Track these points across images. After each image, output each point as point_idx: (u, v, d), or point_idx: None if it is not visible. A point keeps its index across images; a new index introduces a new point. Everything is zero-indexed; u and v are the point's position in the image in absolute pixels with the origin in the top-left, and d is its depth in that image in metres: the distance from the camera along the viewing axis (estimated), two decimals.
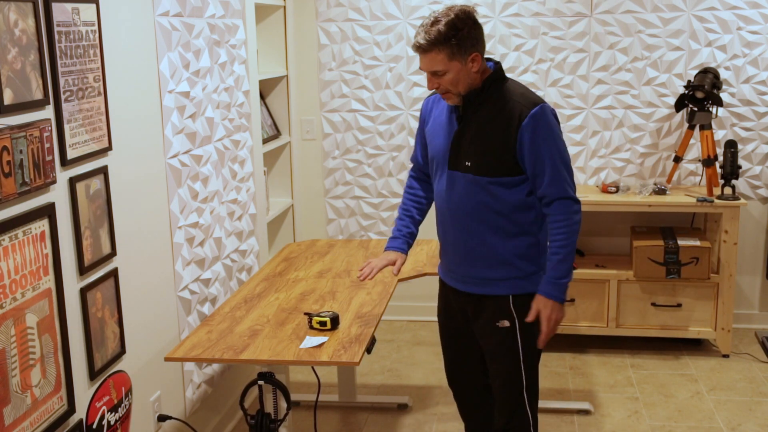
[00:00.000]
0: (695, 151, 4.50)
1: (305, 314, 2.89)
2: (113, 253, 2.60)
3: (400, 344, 4.63)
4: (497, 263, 2.59)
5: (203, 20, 3.29)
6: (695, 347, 4.44)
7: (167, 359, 2.67)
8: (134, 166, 2.75)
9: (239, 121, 3.71)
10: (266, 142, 4.34)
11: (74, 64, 2.34)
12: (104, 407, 2.54)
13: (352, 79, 4.71)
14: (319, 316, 2.79)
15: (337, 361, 2.57)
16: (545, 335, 2.54)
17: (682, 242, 4.22)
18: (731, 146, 4.27)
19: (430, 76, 2.50)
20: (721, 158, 4.35)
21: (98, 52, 2.48)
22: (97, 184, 2.48)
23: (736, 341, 4.47)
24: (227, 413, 3.65)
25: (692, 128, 4.28)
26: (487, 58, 2.55)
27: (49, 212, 2.22)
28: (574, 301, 4.36)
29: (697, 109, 4.19)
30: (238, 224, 3.71)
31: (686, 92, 4.20)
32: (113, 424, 2.60)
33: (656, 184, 4.34)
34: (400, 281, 3.35)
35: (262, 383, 2.70)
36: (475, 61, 2.46)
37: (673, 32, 4.41)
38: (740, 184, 4.50)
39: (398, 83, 4.67)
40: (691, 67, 4.43)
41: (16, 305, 2.08)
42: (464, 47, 2.43)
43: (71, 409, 2.35)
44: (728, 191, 4.23)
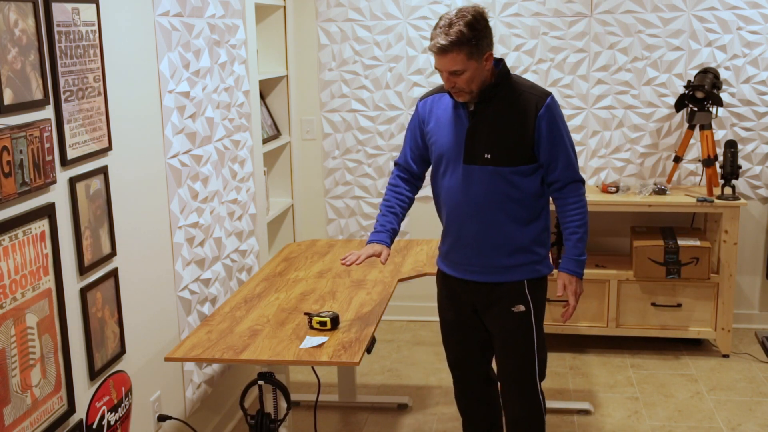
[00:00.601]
0: (695, 151, 4.50)
1: (305, 314, 2.89)
2: (113, 253, 2.60)
3: (400, 344, 4.63)
4: (516, 250, 2.69)
5: (203, 20, 3.29)
6: (695, 347, 4.44)
7: (167, 359, 2.67)
8: (134, 166, 2.75)
9: (239, 121, 3.71)
10: (266, 142, 4.34)
11: (74, 64, 2.34)
12: (104, 407, 2.54)
13: (352, 79, 4.71)
14: (319, 316, 2.79)
15: (337, 361, 2.57)
16: (573, 308, 2.76)
17: (682, 242, 4.22)
18: (731, 146, 4.27)
19: (447, 75, 2.54)
20: (721, 158, 4.35)
21: (98, 52, 2.48)
22: (97, 184, 2.48)
23: (736, 341, 4.47)
24: (227, 413, 3.65)
25: (692, 128, 4.28)
26: None
27: (49, 212, 2.22)
28: None
29: (697, 109, 4.19)
30: (238, 224, 3.71)
31: (686, 92, 4.20)
32: (113, 424, 2.60)
33: (656, 184, 4.34)
34: (400, 281, 3.35)
35: (262, 383, 2.70)
36: (488, 59, 2.56)
37: (673, 32, 4.41)
38: (740, 184, 4.50)
39: (398, 83, 4.67)
40: (691, 67, 4.43)
41: (16, 305, 2.08)
42: (481, 47, 2.52)
43: (71, 409, 2.35)
44: (728, 191, 4.23)
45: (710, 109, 4.18)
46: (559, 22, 4.49)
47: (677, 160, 4.36)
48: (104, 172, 2.53)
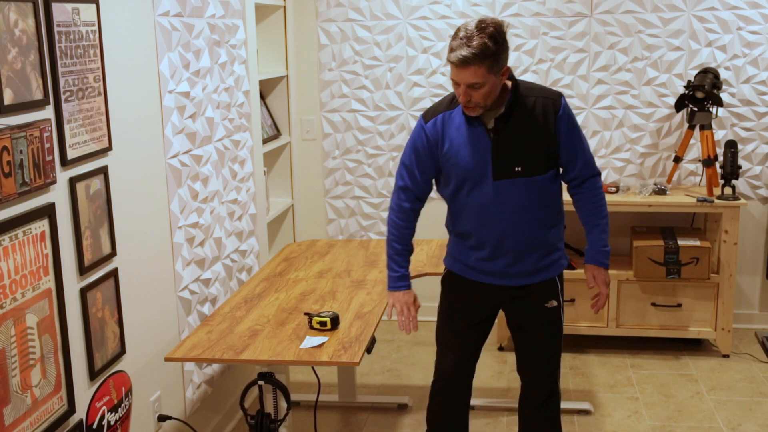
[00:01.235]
0: (695, 151, 4.50)
1: (305, 314, 2.89)
2: (113, 253, 2.60)
3: (400, 344, 4.63)
4: (549, 251, 2.76)
5: (203, 20, 3.29)
6: (695, 347, 4.44)
7: (167, 359, 2.67)
8: (134, 166, 2.75)
9: (239, 121, 3.71)
10: (266, 142, 4.34)
11: (74, 64, 2.34)
12: (104, 407, 2.54)
13: (352, 79, 4.71)
14: (319, 316, 2.79)
15: (337, 361, 2.57)
16: (605, 297, 2.81)
17: (682, 242, 4.22)
18: (731, 146, 4.27)
19: (465, 89, 2.48)
20: (721, 158, 4.35)
21: (98, 52, 2.48)
22: (97, 184, 2.48)
23: (736, 341, 4.47)
24: (227, 413, 3.65)
25: (692, 128, 4.28)
26: None
27: (49, 212, 2.22)
28: (574, 301, 4.37)
29: (697, 109, 4.19)
30: (238, 224, 3.71)
31: (686, 92, 4.20)
32: (113, 424, 2.60)
33: (656, 184, 4.34)
34: None
35: (262, 383, 2.70)
36: (505, 74, 2.54)
37: (673, 32, 4.41)
38: (740, 184, 4.50)
39: (398, 83, 4.67)
40: (691, 67, 4.43)
41: (16, 305, 2.08)
42: (501, 61, 2.48)
43: (71, 409, 2.35)
44: (728, 191, 4.23)
45: (710, 109, 4.18)
46: (559, 22, 4.49)
47: (677, 160, 4.36)
48: (104, 172, 2.53)
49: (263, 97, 4.58)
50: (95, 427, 2.49)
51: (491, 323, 2.88)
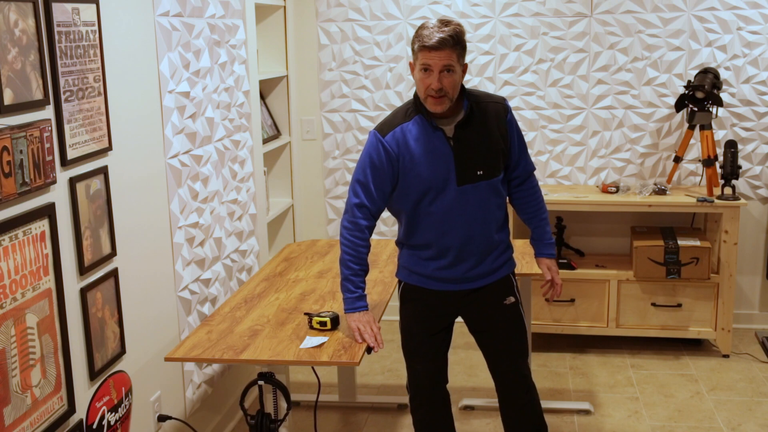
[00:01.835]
0: (695, 151, 4.50)
1: (305, 314, 2.89)
2: (113, 253, 2.60)
3: (400, 344, 4.62)
4: (503, 250, 2.83)
5: (203, 20, 3.29)
6: (695, 347, 4.44)
7: (167, 359, 2.67)
8: (134, 166, 2.75)
9: (239, 121, 3.71)
10: (266, 142, 4.34)
11: (74, 64, 2.34)
12: (104, 407, 2.54)
13: (352, 79, 4.71)
14: (319, 316, 2.79)
15: (337, 361, 2.57)
16: (560, 287, 2.93)
17: (682, 242, 4.22)
18: (731, 146, 4.27)
19: (438, 74, 2.52)
20: (721, 158, 4.35)
21: (98, 52, 2.48)
22: (97, 184, 2.48)
23: (736, 341, 4.46)
24: (227, 413, 3.65)
25: (692, 128, 4.28)
26: None
27: (49, 212, 2.22)
28: (574, 301, 4.37)
29: (697, 109, 4.19)
30: (238, 224, 3.71)
31: (686, 92, 4.20)
32: (113, 424, 2.60)
33: (656, 184, 4.34)
34: None
35: (262, 383, 2.70)
36: (464, 72, 2.63)
37: (673, 32, 4.41)
38: (740, 184, 4.50)
39: (398, 83, 4.67)
40: (691, 67, 4.43)
41: (16, 305, 2.08)
42: (464, 55, 2.61)
43: (71, 409, 2.35)
44: (728, 191, 4.23)
45: (710, 109, 4.18)
46: (559, 22, 4.49)
47: (677, 160, 4.36)
48: (104, 172, 2.53)
49: (263, 97, 4.58)
50: (95, 427, 2.49)
51: (451, 331, 2.89)
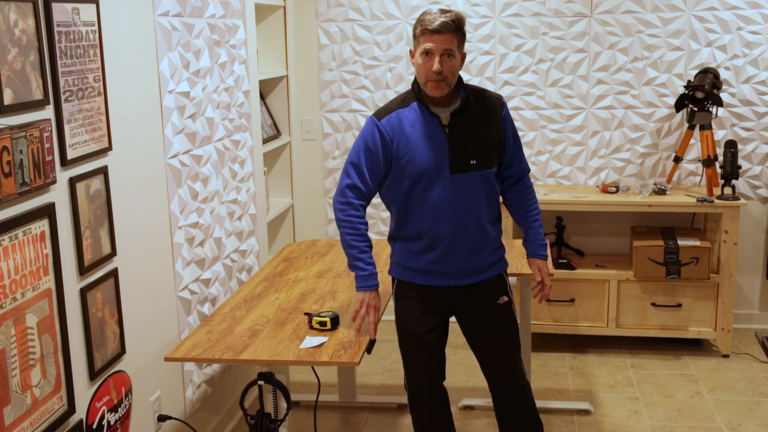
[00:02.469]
0: (695, 151, 4.50)
1: (305, 314, 2.89)
2: (113, 253, 2.60)
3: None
4: (495, 248, 2.84)
5: (203, 20, 3.29)
6: (695, 347, 4.44)
7: (167, 359, 2.67)
8: (134, 166, 2.75)
9: (239, 121, 3.71)
10: (266, 142, 4.34)
11: (74, 64, 2.34)
12: (104, 407, 2.54)
13: (352, 79, 4.71)
14: (319, 316, 2.79)
15: (337, 361, 2.57)
16: (549, 288, 2.92)
17: (682, 242, 4.22)
18: (731, 146, 4.27)
19: (439, 58, 2.57)
20: (721, 158, 4.35)
21: (98, 52, 2.48)
22: (97, 184, 2.49)
23: (736, 341, 4.46)
24: (227, 413, 3.65)
25: (692, 128, 4.28)
26: None
27: (49, 212, 2.22)
28: (573, 301, 4.37)
29: (697, 109, 4.19)
30: (238, 224, 3.71)
31: (686, 92, 4.20)
32: (113, 424, 2.60)
33: (656, 184, 4.34)
34: None
35: (262, 383, 2.70)
36: (463, 60, 2.68)
37: (673, 32, 4.41)
38: (740, 184, 4.50)
39: (398, 83, 4.67)
40: (691, 67, 4.43)
41: (16, 305, 2.08)
42: (464, 43, 2.65)
43: (71, 409, 2.35)
44: (728, 191, 4.23)
45: (710, 109, 4.18)
46: (559, 22, 4.49)
47: (677, 160, 4.36)
48: (104, 172, 2.53)
49: (263, 97, 4.58)
50: (95, 427, 2.49)
51: (447, 327, 2.88)
